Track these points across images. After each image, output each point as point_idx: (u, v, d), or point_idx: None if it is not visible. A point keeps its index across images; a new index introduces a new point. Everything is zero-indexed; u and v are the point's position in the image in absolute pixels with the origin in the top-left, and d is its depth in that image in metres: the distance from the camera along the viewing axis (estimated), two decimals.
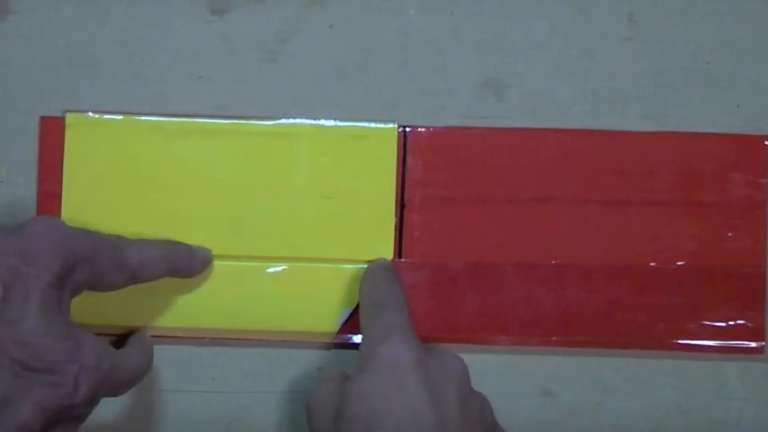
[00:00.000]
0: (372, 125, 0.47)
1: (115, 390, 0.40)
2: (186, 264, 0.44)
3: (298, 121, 0.47)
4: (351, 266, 0.46)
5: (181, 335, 0.46)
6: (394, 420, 0.37)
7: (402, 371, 0.38)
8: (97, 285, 0.41)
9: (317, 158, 0.47)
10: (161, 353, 0.45)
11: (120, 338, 0.46)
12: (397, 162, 0.47)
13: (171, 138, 0.46)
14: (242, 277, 0.46)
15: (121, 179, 0.46)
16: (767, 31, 0.47)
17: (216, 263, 0.46)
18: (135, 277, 0.42)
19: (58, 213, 0.46)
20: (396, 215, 0.47)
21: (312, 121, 0.47)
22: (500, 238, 0.47)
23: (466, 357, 0.41)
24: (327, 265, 0.46)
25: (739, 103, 0.47)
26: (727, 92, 0.47)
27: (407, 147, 0.47)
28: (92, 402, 0.39)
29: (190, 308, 0.46)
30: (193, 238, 0.46)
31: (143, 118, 0.46)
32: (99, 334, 0.44)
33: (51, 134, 0.46)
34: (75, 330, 0.39)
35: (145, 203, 0.46)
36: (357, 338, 0.46)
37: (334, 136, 0.47)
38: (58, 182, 0.46)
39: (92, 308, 0.45)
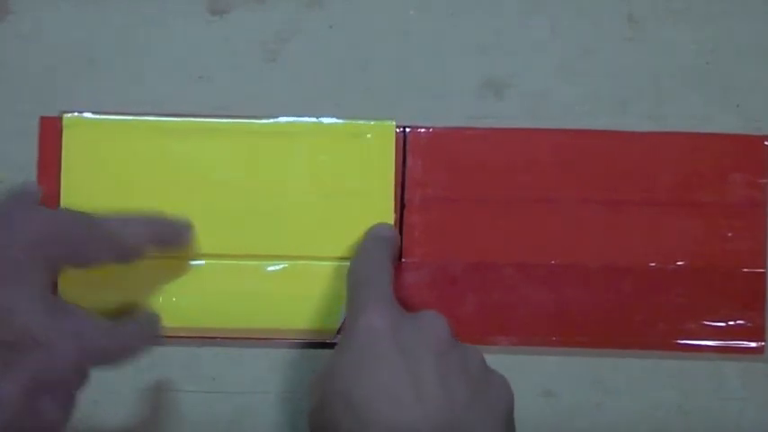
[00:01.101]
0: (370, 122, 0.47)
1: (107, 359, 0.40)
2: (170, 231, 0.44)
3: (297, 119, 0.47)
4: None
5: (181, 335, 0.46)
6: (369, 390, 0.37)
7: (376, 339, 0.38)
8: (77, 259, 0.40)
9: (316, 157, 0.46)
10: (161, 353, 0.45)
11: None
12: (397, 162, 0.47)
13: (171, 138, 0.46)
14: (242, 276, 0.46)
15: (120, 179, 0.46)
16: (767, 31, 0.47)
17: (216, 262, 0.46)
18: (119, 249, 0.41)
19: None
20: (396, 215, 0.47)
21: (310, 119, 0.47)
22: (500, 238, 0.47)
23: None
24: (327, 264, 0.46)
25: (739, 103, 0.47)
26: (727, 92, 0.47)
27: (407, 147, 0.47)
28: (80, 371, 0.39)
29: (190, 308, 0.46)
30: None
31: (143, 118, 0.46)
32: None
33: (51, 134, 0.46)
34: (55, 303, 0.39)
35: (144, 203, 0.46)
36: None
37: (333, 134, 0.47)
38: (58, 182, 0.46)
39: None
